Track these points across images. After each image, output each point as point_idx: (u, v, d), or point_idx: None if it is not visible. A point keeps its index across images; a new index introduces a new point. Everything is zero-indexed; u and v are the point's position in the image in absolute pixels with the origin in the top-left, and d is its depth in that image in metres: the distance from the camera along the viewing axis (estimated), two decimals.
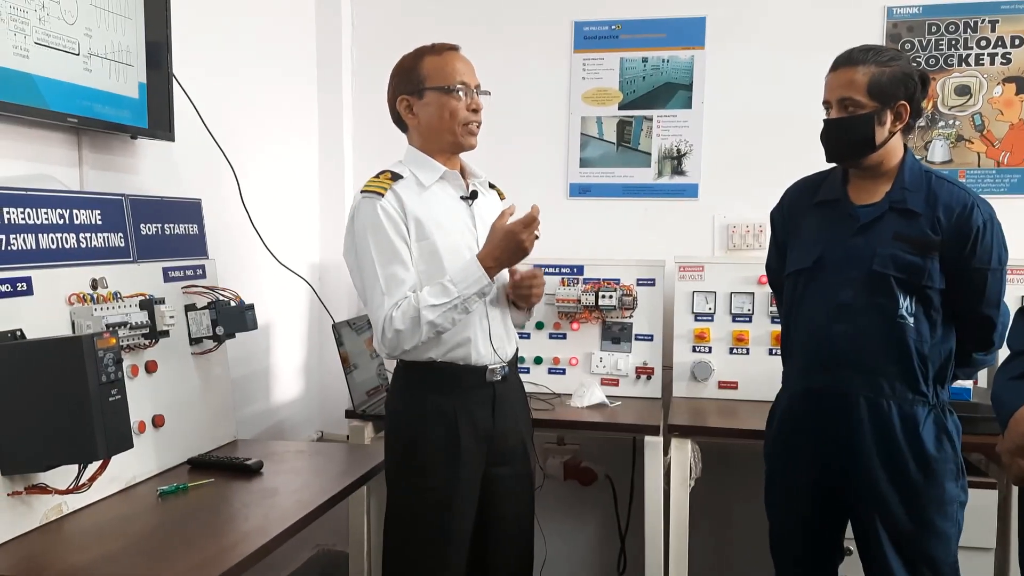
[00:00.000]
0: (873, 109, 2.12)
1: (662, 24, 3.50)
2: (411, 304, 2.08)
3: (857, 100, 2.12)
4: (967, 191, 2.17)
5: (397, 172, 2.20)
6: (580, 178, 3.61)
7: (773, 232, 2.45)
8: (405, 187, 2.18)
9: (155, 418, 2.29)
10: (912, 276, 2.12)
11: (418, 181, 2.20)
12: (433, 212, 2.18)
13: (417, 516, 2.20)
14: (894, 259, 2.13)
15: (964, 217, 2.11)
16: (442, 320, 2.09)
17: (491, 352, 2.22)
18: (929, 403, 2.15)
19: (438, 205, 2.20)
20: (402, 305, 2.09)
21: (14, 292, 1.88)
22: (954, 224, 2.11)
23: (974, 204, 2.12)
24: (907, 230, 2.13)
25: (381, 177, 2.19)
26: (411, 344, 2.10)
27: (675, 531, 2.78)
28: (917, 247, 2.12)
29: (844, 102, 2.14)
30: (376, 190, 2.15)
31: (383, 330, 2.11)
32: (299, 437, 3.44)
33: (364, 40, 3.70)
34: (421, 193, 2.19)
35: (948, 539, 2.16)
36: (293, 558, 3.45)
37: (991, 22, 3.25)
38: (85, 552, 1.78)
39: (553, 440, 3.48)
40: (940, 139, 3.32)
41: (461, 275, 2.11)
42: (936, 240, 2.11)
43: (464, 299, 2.10)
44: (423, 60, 2.22)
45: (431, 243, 2.15)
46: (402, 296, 2.10)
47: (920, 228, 2.13)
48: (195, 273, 2.53)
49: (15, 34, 2.01)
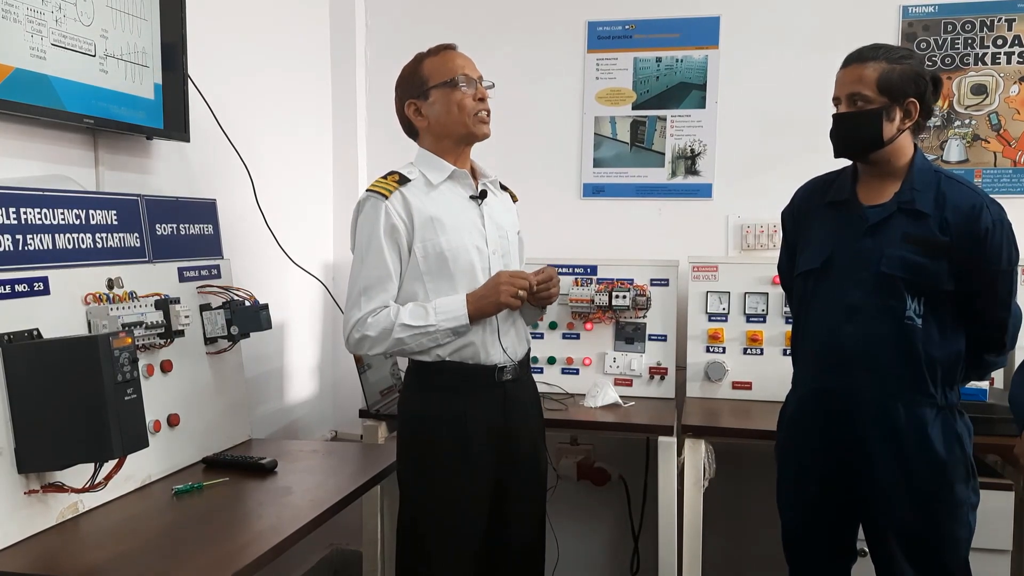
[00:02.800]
0: (882, 105, 2.11)
1: (676, 24, 3.49)
2: (388, 316, 2.13)
3: (866, 95, 2.11)
4: (976, 191, 2.15)
5: (405, 175, 2.21)
6: (594, 178, 3.60)
7: (784, 233, 2.44)
8: (412, 189, 2.19)
9: (170, 417, 2.30)
10: (920, 277, 2.10)
11: (427, 181, 2.21)
12: (440, 211, 2.19)
13: (429, 517, 2.20)
14: (902, 260, 2.11)
15: (973, 218, 2.08)
16: (411, 341, 2.14)
17: (501, 352, 2.22)
18: (937, 405, 2.13)
19: (446, 204, 2.21)
20: (380, 314, 2.14)
21: (31, 292, 1.90)
22: (963, 225, 2.09)
23: (983, 205, 2.09)
24: (916, 231, 2.12)
25: (389, 179, 2.21)
26: (374, 352, 2.19)
27: (689, 532, 2.77)
28: (926, 248, 2.10)
29: (853, 97, 2.13)
30: (381, 191, 2.17)
31: (352, 330, 2.17)
32: (313, 436, 3.45)
33: (377, 42, 3.71)
34: (429, 192, 2.20)
35: (958, 542, 2.14)
36: (307, 557, 3.46)
37: (1007, 21, 3.23)
38: (101, 550, 1.79)
39: (566, 440, 3.48)
40: (956, 139, 3.30)
41: (445, 305, 2.14)
42: (945, 241, 2.09)
43: (437, 330, 2.13)
44: (423, 63, 2.24)
45: (436, 243, 2.17)
46: (381, 304, 2.15)
47: (929, 229, 2.11)
48: (210, 273, 2.54)
49: (32, 36, 2.02)
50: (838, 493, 2.23)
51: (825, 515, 2.27)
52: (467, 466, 2.18)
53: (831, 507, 2.25)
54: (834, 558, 2.33)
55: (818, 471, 2.24)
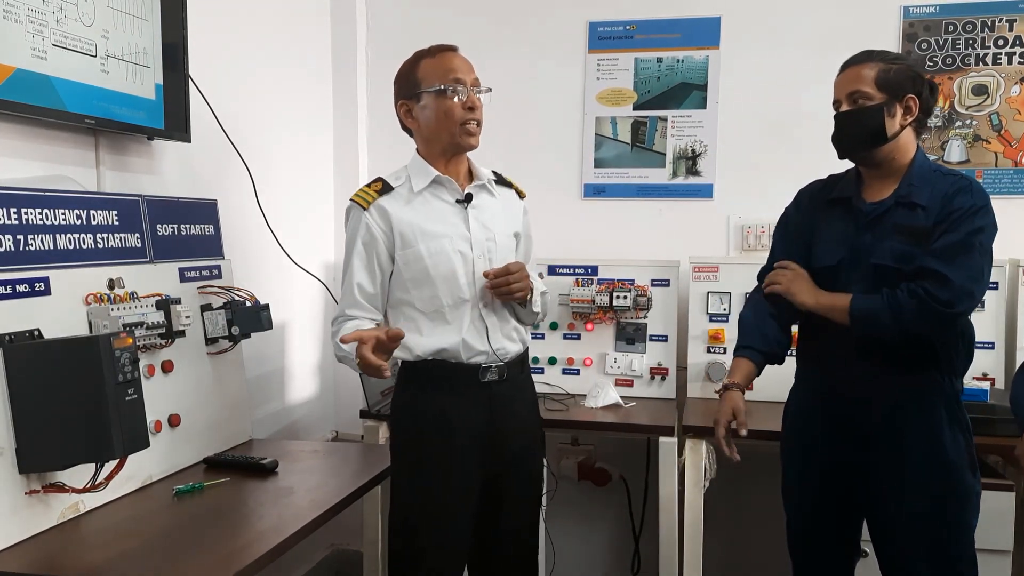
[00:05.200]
0: (882, 100, 2.13)
1: (677, 24, 3.49)
2: (337, 329, 2.18)
3: (866, 92, 2.14)
4: (962, 177, 2.16)
5: (390, 182, 2.23)
6: (595, 178, 3.61)
7: (786, 227, 2.41)
8: (394, 197, 2.21)
9: (171, 417, 2.30)
10: (906, 265, 2.10)
11: (411, 187, 2.22)
12: (420, 218, 2.19)
13: (416, 517, 2.21)
14: (891, 250, 2.13)
15: (950, 196, 2.09)
16: (346, 360, 2.14)
17: (488, 352, 2.21)
18: (944, 392, 2.14)
19: (427, 211, 2.21)
20: (339, 323, 2.21)
21: (32, 292, 1.90)
22: (940, 204, 2.10)
23: (965, 187, 2.10)
24: (906, 221, 2.13)
25: (372, 187, 2.23)
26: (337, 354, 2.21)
27: (689, 532, 2.77)
28: (912, 236, 2.11)
29: (853, 95, 2.16)
30: (360, 202, 2.21)
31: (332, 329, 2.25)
32: (314, 437, 3.45)
33: (379, 41, 3.71)
34: (411, 200, 2.21)
35: (967, 530, 2.15)
36: (308, 558, 3.46)
37: (1008, 21, 3.23)
38: (102, 551, 1.79)
39: (567, 441, 3.48)
40: (957, 139, 3.30)
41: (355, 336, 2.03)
42: (928, 227, 2.10)
43: (351, 359, 2.06)
44: (419, 64, 2.23)
45: (416, 250, 2.18)
46: (341, 314, 2.21)
47: (917, 218, 2.12)
48: (211, 273, 2.54)
49: (33, 36, 2.02)
50: (843, 489, 2.23)
51: (830, 512, 2.27)
52: (453, 464, 2.18)
53: (836, 504, 2.26)
54: (839, 555, 2.34)
55: (822, 465, 2.25)
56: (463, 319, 2.19)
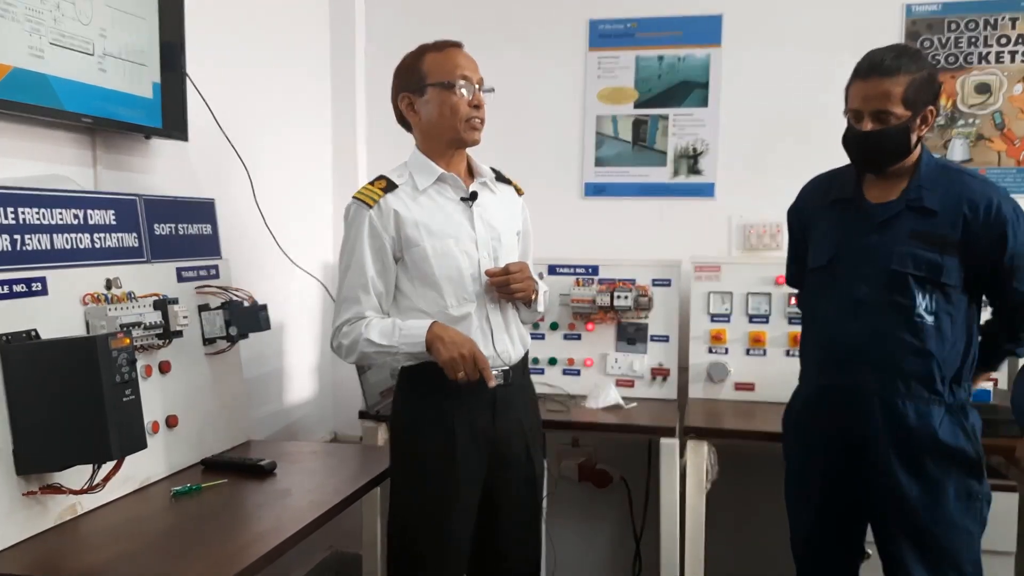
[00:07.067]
0: (907, 118, 2.09)
1: (678, 22, 3.48)
2: (359, 329, 2.15)
3: (894, 112, 2.08)
4: (988, 184, 2.16)
5: (393, 180, 2.20)
6: (595, 177, 3.59)
7: (791, 231, 2.43)
8: (399, 195, 2.19)
9: (169, 418, 2.28)
10: (931, 273, 2.10)
11: (415, 185, 2.20)
12: (426, 217, 2.18)
13: (416, 519, 2.20)
14: (913, 257, 2.11)
15: (992, 211, 2.08)
16: (376, 357, 2.16)
17: (492, 355, 2.20)
18: (945, 402, 2.13)
19: (433, 209, 2.20)
20: (354, 324, 2.16)
21: (29, 292, 1.88)
22: (981, 220, 2.08)
23: (1001, 198, 2.11)
24: (924, 227, 2.11)
25: (375, 184, 2.21)
26: (348, 360, 2.23)
27: (691, 534, 2.76)
28: (935, 245, 2.10)
29: (880, 114, 2.09)
30: (366, 199, 2.18)
31: (332, 335, 2.23)
32: (312, 438, 3.44)
33: (377, 40, 3.69)
34: (416, 198, 2.19)
35: (971, 535, 2.14)
36: (306, 560, 3.44)
37: (1011, 19, 3.22)
38: (99, 552, 1.78)
39: (568, 442, 3.47)
40: (960, 138, 3.29)
41: (411, 329, 2.12)
42: (954, 237, 2.09)
43: (398, 352, 2.12)
44: (424, 57, 2.21)
45: (421, 249, 2.16)
46: (356, 315, 2.16)
47: (937, 225, 2.11)
48: (209, 273, 2.53)
49: (30, 35, 2.01)
50: (845, 491, 2.22)
51: (833, 514, 2.27)
52: (454, 469, 2.17)
53: (839, 505, 2.25)
54: (842, 557, 2.33)
55: (824, 467, 2.24)
56: (469, 322, 2.18)
